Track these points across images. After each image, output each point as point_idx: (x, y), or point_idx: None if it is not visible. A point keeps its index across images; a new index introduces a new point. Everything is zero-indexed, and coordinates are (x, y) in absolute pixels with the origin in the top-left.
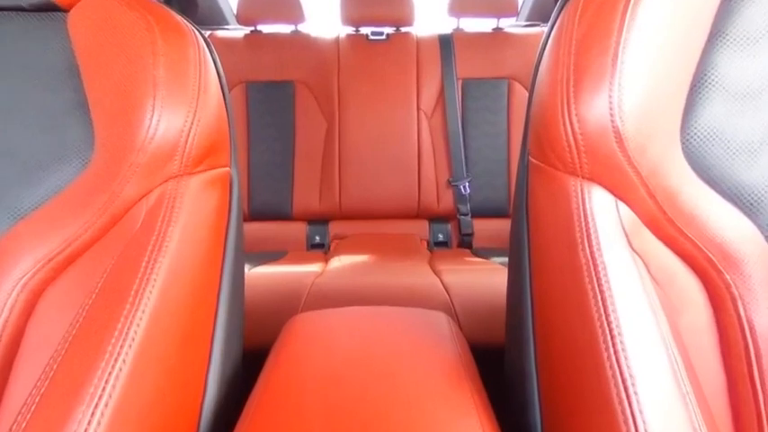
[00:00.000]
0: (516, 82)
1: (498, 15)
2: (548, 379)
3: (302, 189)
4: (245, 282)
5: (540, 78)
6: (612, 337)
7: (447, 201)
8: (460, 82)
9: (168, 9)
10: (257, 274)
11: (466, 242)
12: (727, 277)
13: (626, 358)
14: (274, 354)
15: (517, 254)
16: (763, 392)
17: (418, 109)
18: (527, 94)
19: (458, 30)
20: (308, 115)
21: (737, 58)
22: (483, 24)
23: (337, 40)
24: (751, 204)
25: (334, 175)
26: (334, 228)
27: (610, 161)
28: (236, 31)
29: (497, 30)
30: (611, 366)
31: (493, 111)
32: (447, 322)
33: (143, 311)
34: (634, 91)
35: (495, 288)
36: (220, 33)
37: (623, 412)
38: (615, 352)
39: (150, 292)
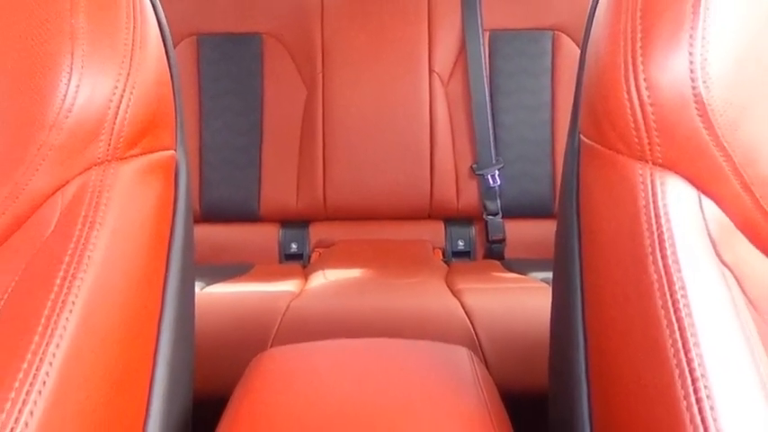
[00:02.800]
0: (564, 34)
1: None
2: (606, 420)
3: (273, 180)
4: (197, 305)
5: (597, 30)
6: (694, 383)
7: (470, 196)
8: (488, 34)
9: None
10: (213, 294)
11: (495, 251)
12: None
13: (712, 408)
14: (235, 402)
15: (565, 268)
16: None
17: (431, 71)
18: (578, 52)
19: None
20: (282, 80)
21: None
22: None
23: None
24: None
25: (316, 161)
26: (317, 232)
27: (691, 142)
28: None
29: None
30: (693, 421)
31: (532, 74)
32: (469, 359)
33: (57, 346)
34: (724, 46)
35: (534, 314)
36: None
37: (695, 421)
38: (698, 401)
39: (67, 319)
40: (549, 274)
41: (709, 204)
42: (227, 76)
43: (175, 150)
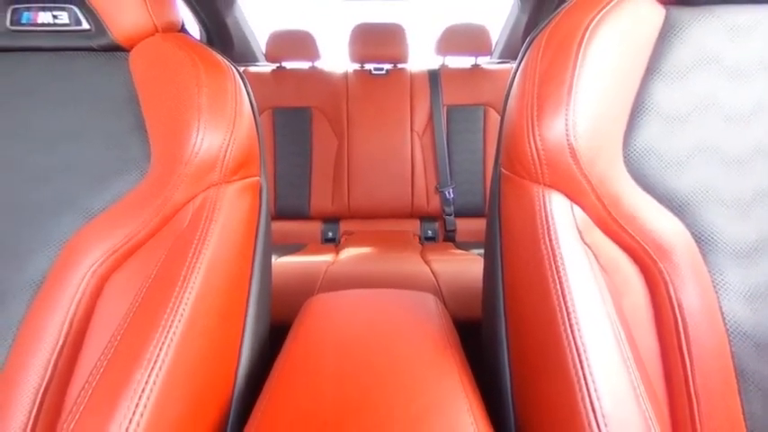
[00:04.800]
0: (491, 108)
1: (476, 54)
2: (516, 347)
3: (318, 194)
4: (273, 269)
5: (510, 105)
6: (568, 315)
7: (435, 203)
8: (445, 108)
9: (210, 49)
10: (282, 262)
11: (450, 237)
12: (661, 265)
13: (579, 331)
14: (295, 329)
15: (491, 246)
16: (690, 359)
17: (412, 130)
18: (499, 118)
19: (443, 66)
20: (323, 135)
21: (669, 88)
22: (464, 61)
23: (346, 74)
24: (680, 207)
25: (343, 183)
26: (344, 225)
27: (566, 172)
28: (264, 67)
29: (475, 66)
30: (567, 338)
31: (472, 131)
32: (434, 302)
33: (189, 293)
34: (585, 116)
35: (473, 274)
36: (252, 69)
37: (576, 374)
38: (570, 326)
39: (195, 277)
40: (483, 250)
41: (576, 209)
42: (291, 133)
43: (260, 177)
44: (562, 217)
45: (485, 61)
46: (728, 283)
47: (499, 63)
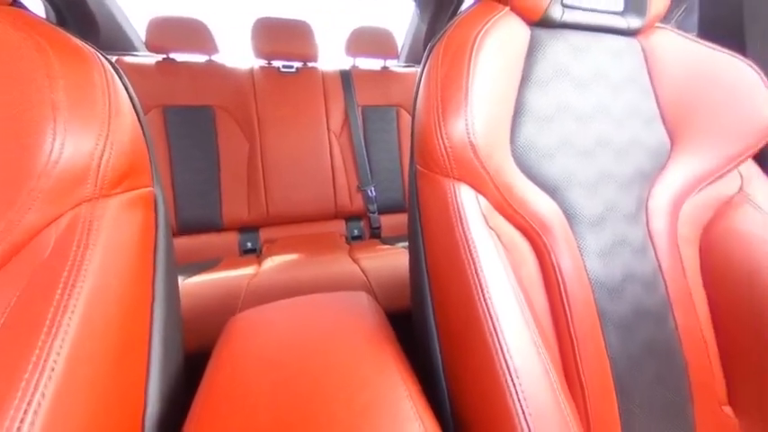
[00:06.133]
0: (402, 109)
1: (384, 57)
2: (443, 327)
3: (231, 202)
4: (182, 291)
5: (418, 106)
6: (482, 289)
7: (358, 202)
8: (360, 108)
9: (64, 32)
10: (193, 283)
11: (376, 234)
12: (544, 239)
13: (491, 301)
14: (217, 353)
15: (414, 238)
16: (569, 310)
17: (328, 130)
18: (410, 119)
19: (354, 67)
20: (230, 136)
21: (537, 95)
22: (374, 63)
23: (251, 71)
24: (552, 190)
25: (259, 188)
26: (264, 233)
27: (470, 166)
28: (146, 58)
29: (385, 68)
30: (483, 309)
31: (387, 131)
32: (367, 299)
33: (62, 340)
34: (480, 117)
35: (401, 266)
36: (129, 59)
37: (492, 339)
38: (484, 299)
39: (70, 319)
40: (407, 243)
41: (481, 198)
42: (189, 135)
43: (153, 187)
44: (470, 206)
45: (393, 64)
46: (588, 246)
47: (406, 66)
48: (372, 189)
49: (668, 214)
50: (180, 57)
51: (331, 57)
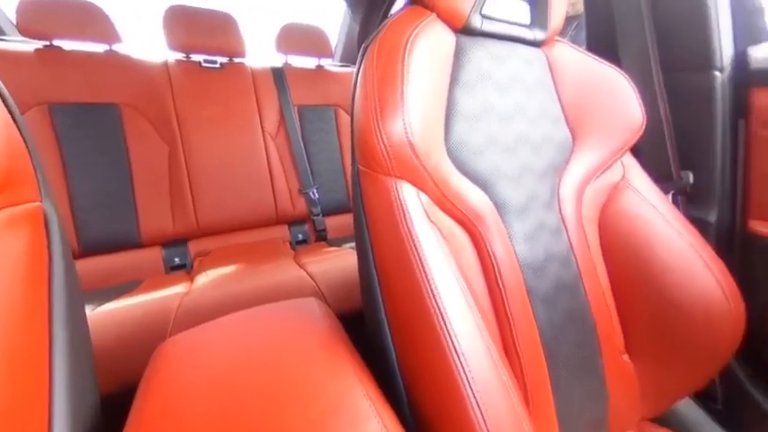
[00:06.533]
0: (340, 109)
1: (318, 55)
2: (395, 323)
3: (149, 213)
4: (92, 323)
5: (357, 106)
6: (428, 280)
7: (301, 206)
8: (296, 108)
9: None
10: (106, 311)
11: (322, 236)
12: (479, 229)
13: (437, 291)
14: (144, 385)
15: (361, 237)
16: (504, 291)
17: (263, 131)
18: (349, 119)
19: (287, 65)
20: (143, 139)
21: (465, 96)
22: (308, 62)
23: (166, 64)
24: (483, 183)
25: (185, 196)
26: (195, 246)
27: (409, 164)
28: (21, 45)
29: (320, 67)
30: (430, 299)
31: (326, 131)
32: (317, 304)
33: None
34: (416, 117)
35: (350, 268)
36: None
37: (440, 327)
38: (431, 290)
39: None
40: (354, 243)
41: (421, 194)
42: (88, 138)
43: (41, 202)
44: (412, 202)
45: (328, 63)
46: (516, 232)
47: (342, 66)
48: (315, 191)
49: (574, 200)
50: (69, 45)
51: (264, 57)
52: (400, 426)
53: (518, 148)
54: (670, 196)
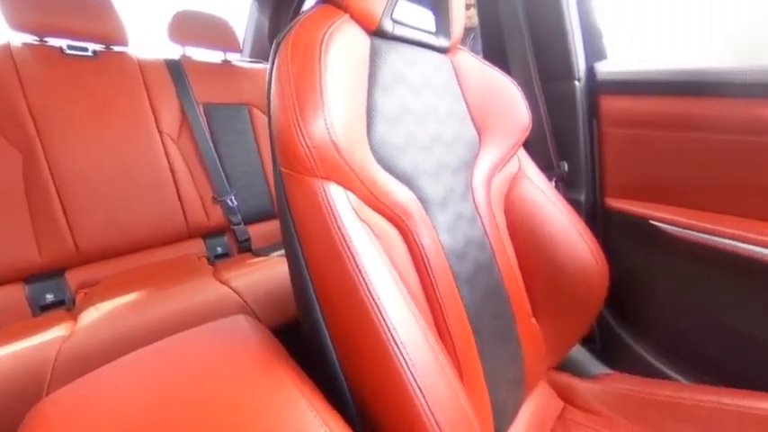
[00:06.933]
0: (255, 107)
1: (225, 49)
2: (334, 325)
3: (4, 242)
4: None
5: (273, 106)
6: (363, 278)
7: (217, 215)
8: (201, 107)
9: None
10: None
11: (246, 247)
12: (407, 223)
13: (372, 285)
14: None
15: (291, 244)
16: (434, 279)
17: (160, 132)
18: (266, 118)
19: (186, 57)
20: None
21: (384, 98)
22: (213, 56)
23: (8, 48)
24: (407, 180)
25: (55, 215)
26: (76, 276)
27: (335, 164)
28: None
29: (226, 62)
30: (367, 296)
31: (241, 132)
32: (246, 321)
33: None
34: (338, 116)
35: (280, 277)
36: None
37: (378, 321)
38: (367, 286)
39: None
40: (283, 250)
41: (349, 194)
42: None
43: None
44: (341, 203)
45: (236, 59)
46: (439, 223)
47: (253, 62)
48: (233, 198)
49: (484, 191)
50: None
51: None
52: (348, 429)
53: (434, 147)
54: (553, 182)
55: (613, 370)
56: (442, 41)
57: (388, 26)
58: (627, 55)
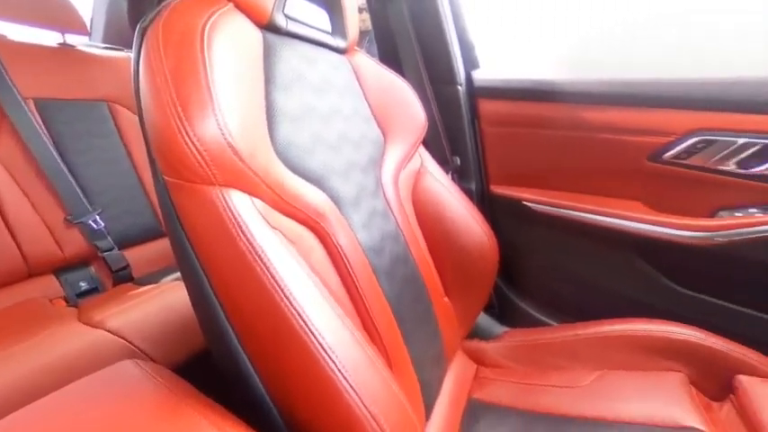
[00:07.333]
0: (118, 104)
1: (62, 30)
2: (251, 343)
3: None
4: None
5: (146, 104)
6: (282, 290)
7: (74, 242)
8: (33, 102)
9: None
10: None
11: (124, 276)
12: (323, 226)
13: (292, 296)
14: None
15: (187, 265)
16: (355, 276)
17: None
18: (136, 117)
19: None
20: None
21: (285, 97)
22: (44, 37)
23: None
24: (318, 181)
25: None
26: None
27: (235, 169)
28: None
29: (67, 46)
30: (288, 308)
31: (101, 135)
32: (134, 365)
33: None
34: (233, 117)
35: (176, 306)
36: None
37: (302, 329)
38: (287, 298)
39: None
40: (179, 274)
41: (256, 200)
42: None
43: None
44: (247, 211)
45: (83, 43)
46: (354, 222)
47: (109, 49)
48: (97, 218)
49: (393, 186)
50: None
51: None
52: None
53: (342, 147)
54: (450, 175)
55: (510, 327)
56: (339, 42)
57: (281, 21)
58: (496, 65)
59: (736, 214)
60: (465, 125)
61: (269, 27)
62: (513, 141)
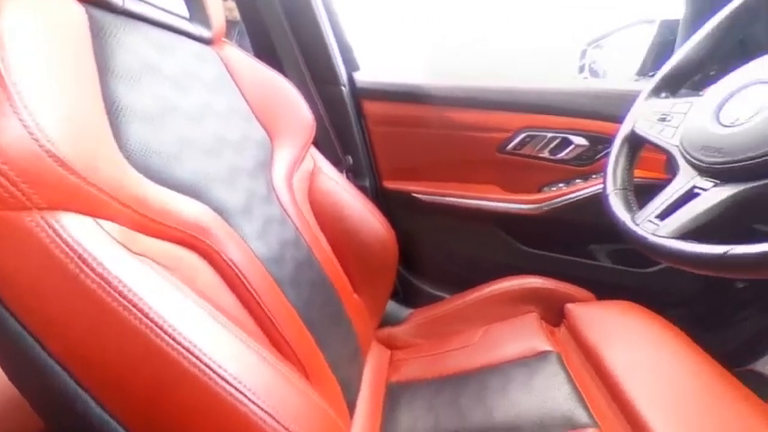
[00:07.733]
0: None
1: None
2: (121, 402)
3: None
4: None
5: None
6: (160, 328)
7: None
8: None
9: None
10: None
11: None
12: (207, 242)
13: (176, 331)
14: None
15: (2, 330)
16: (255, 291)
17: None
18: None
19: None
20: None
21: (133, 92)
22: None
23: None
24: (193, 191)
25: None
26: None
27: (64, 186)
28: None
29: None
30: (171, 347)
31: None
32: None
33: None
34: (53, 117)
35: None
36: None
37: (194, 365)
38: (169, 335)
39: None
40: None
41: (105, 223)
42: None
43: None
44: (91, 238)
45: None
46: (247, 233)
47: None
48: None
49: (287, 189)
50: None
51: None
52: None
53: (221, 150)
54: (344, 173)
55: (414, 308)
56: (201, 31)
57: None
58: (378, 67)
59: (552, 189)
60: (353, 125)
61: (96, 2)
62: (398, 139)
